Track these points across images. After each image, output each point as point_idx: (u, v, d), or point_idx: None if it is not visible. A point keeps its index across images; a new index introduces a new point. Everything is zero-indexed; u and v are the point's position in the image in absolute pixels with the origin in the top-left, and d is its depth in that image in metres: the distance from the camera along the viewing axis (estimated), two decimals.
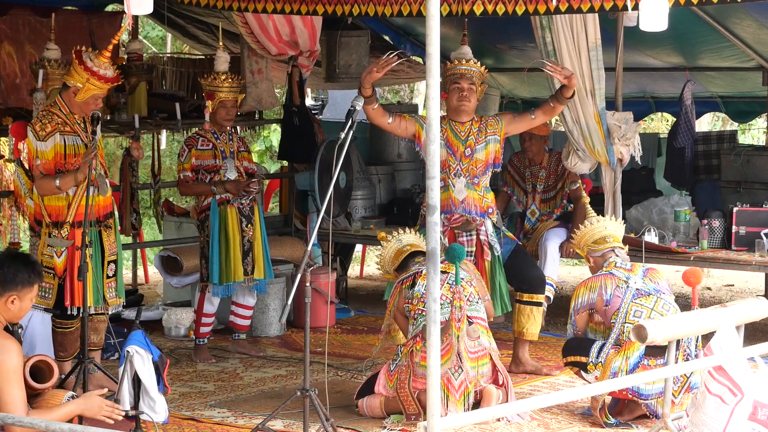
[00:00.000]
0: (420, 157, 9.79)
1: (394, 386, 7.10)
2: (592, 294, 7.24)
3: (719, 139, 11.19)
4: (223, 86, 8.62)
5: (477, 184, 7.85)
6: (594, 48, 8.49)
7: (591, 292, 7.25)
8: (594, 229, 7.45)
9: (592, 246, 7.43)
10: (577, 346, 7.25)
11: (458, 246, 7.23)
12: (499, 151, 7.93)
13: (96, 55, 7.44)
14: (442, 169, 7.74)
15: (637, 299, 7.12)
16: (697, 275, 6.82)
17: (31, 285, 5.71)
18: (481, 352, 7.10)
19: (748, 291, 11.83)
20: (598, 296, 7.21)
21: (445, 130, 7.84)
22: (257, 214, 8.79)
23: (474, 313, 7.21)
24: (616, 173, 9.04)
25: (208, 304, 8.74)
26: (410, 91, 18.30)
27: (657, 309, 7.08)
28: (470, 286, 7.27)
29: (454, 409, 6.95)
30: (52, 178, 7.43)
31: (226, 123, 8.69)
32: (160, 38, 18.08)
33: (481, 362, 7.09)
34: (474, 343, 7.07)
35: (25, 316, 5.92)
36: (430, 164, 4.56)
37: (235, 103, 8.72)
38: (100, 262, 7.61)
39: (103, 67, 7.42)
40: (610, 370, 6.94)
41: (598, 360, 7.07)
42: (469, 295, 7.23)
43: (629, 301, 7.12)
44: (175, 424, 6.95)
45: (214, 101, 8.64)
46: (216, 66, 8.77)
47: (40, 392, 5.80)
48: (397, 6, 7.80)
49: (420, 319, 7.14)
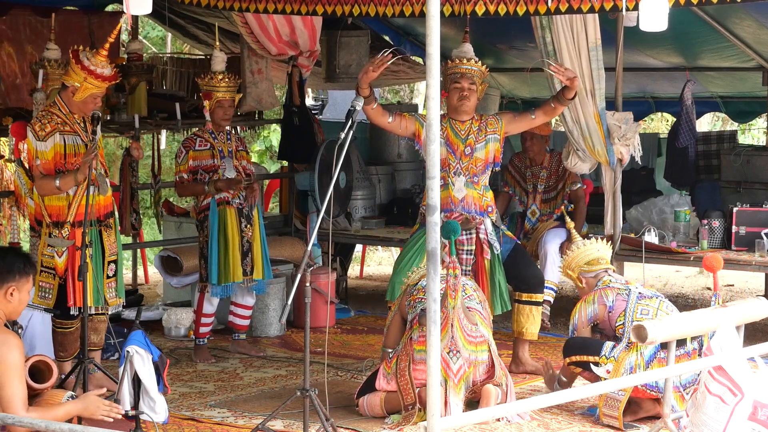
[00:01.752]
0: (420, 157, 9.80)
1: (392, 371, 7.08)
2: (593, 306, 7.23)
3: (719, 139, 11.20)
4: (219, 86, 8.62)
5: (476, 182, 7.85)
6: (594, 48, 8.50)
7: (591, 304, 7.24)
8: (585, 250, 7.47)
9: (584, 267, 7.43)
10: (582, 346, 7.19)
11: (453, 222, 7.36)
12: (499, 150, 7.93)
13: (93, 54, 7.43)
14: (442, 167, 7.73)
15: (642, 300, 7.13)
16: (717, 260, 6.80)
17: (28, 275, 5.72)
18: (479, 338, 7.09)
19: (748, 291, 11.83)
20: (599, 305, 7.20)
21: (445, 129, 7.84)
22: (256, 215, 8.79)
23: (476, 305, 7.24)
24: (616, 173, 9.04)
25: (208, 304, 8.74)
26: (410, 91, 18.30)
27: (662, 309, 7.08)
28: (475, 291, 7.30)
29: (453, 394, 6.93)
30: (51, 178, 7.43)
31: (223, 123, 8.69)
32: (160, 38, 18.08)
33: (479, 348, 7.07)
34: (472, 327, 7.07)
35: (23, 313, 5.93)
36: (430, 164, 4.56)
37: (232, 103, 8.71)
38: (101, 262, 7.61)
39: (99, 65, 7.41)
40: (626, 366, 6.91)
41: (611, 354, 7.03)
42: (470, 294, 7.24)
43: (634, 302, 7.12)
44: (175, 424, 6.95)
45: (211, 101, 8.64)
46: (213, 66, 8.76)
47: (39, 392, 5.80)
48: (398, 6, 7.80)
49: (418, 305, 7.14)
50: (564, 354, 7.28)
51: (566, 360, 7.26)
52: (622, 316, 7.10)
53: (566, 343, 7.33)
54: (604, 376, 6.98)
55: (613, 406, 6.97)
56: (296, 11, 8.16)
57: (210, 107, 8.65)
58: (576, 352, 7.20)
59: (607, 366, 6.99)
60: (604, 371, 6.99)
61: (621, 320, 7.09)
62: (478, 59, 7.89)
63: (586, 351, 7.13)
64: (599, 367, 7.02)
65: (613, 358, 6.99)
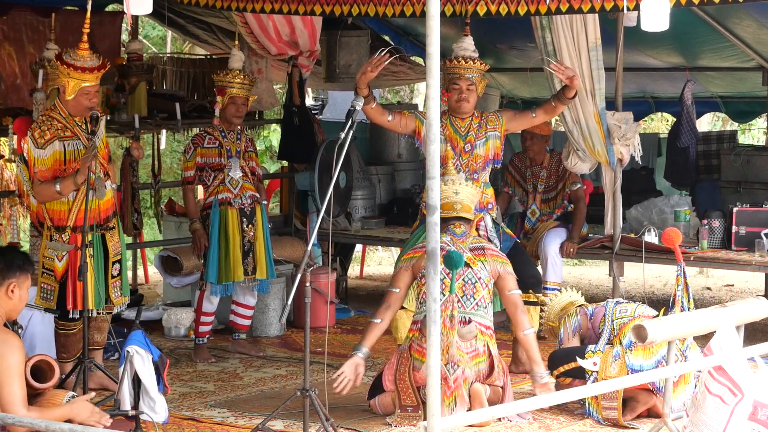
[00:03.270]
0: (420, 155, 9.78)
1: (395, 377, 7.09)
2: (575, 318, 7.53)
3: (719, 139, 11.20)
4: (234, 82, 8.65)
5: (476, 179, 7.85)
6: (594, 48, 8.50)
7: (574, 316, 7.54)
8: (557, 302, 7.76)
9: (560, 312, 7.69)
10: (564, 356, 7.33)
11: (456, 253, 7.04)
12: (499, 147, 7.93)
13: (74, 50, 7.41)
14: (442, 164, 7.75)
15: (619, 305, 7.39)
16: (676, 233, 7.08)
17: (27, 272, 5.73)
18: (473, 353, 7.05)
19: (748, 291, 11.83)
20: (581, 315, 7.51)
21: (446, 126, 7.85)
22: (259, 214, 8.78)
23: (480, 319, 7.14)
24: (616, 173, 9.04)
25: (207, 303, 8.74)
26: (410, 91, 18.31)
27: (639, 310, 7.30)
28: (484, 288, 7.20)
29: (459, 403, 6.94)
30: (50, 183, 7.39)
31: (235, 120, 8.70)
32: (160, 38, 18.09)
33: (475, 360, 7.06)
34: (467, 344, 7.04)
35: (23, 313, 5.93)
36: (430, 164, 4.56)
37: (245, 101, 8.73)
38: (103, 266, 7.60)
39: (80, 59, 7.38)
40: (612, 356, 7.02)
41: (597, 349, 7.16)
42: (479, 299, 7.16)
43: (612, 307, 7.37)
44: (175, 424, 6.95)
45: (224, 97, 8.66)
46: (230, 63, 8.82)
47: (40, 392, 5.80)
48: (398, 6, 7.80)
49: (423, 306, 7.09)
50: (550, 368, 7.34)
51: (554, 373, 7.32)
52: (603, 320, 7.33)
53: (550, 358, 7.43)
54: (591, 369, 7.05)
55: (611, 397, 7.04)
56: (293, 11, 8.17)
57: (223, 104, 8.67)
58: (561, 363, 7.29)
59: (593, 358, 7.06)
60: (591, 363, 7.06)
61: (602, 325, 7.34)
62: (477, 55, 7.87)
63: (571, 358, 7.21)
64: (586, 360, 7.09)
65: (599, 351, 7.10)
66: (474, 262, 7.20)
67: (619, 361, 6.99)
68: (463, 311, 7.07)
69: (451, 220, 7.31)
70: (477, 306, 7.14)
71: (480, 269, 7.19)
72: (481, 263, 7.22)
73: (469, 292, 7.12)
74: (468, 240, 7.33)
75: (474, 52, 7.85)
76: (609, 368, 7.00)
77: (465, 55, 7.82)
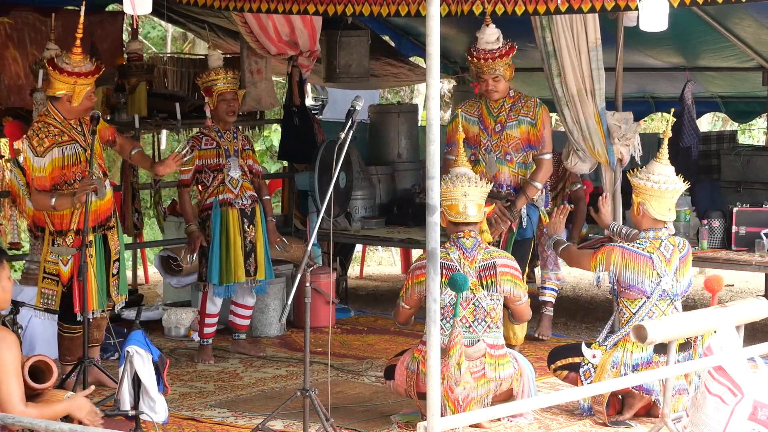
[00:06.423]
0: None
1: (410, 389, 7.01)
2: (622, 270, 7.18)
3: (719, 139, 11.19)
4: (218, 79, 8.59)
5: (510, 160, 8.06)
6: (594, 48, 8.49)
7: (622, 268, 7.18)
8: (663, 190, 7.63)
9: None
10: (563, 351, 7.31)
11: (460, 276, 6.79)
12: (535, 134, 8.09)
13: (68, 55, 7.39)
14: (473, 144, 8.06)
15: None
16: (719, 282, 6.85)
17: (1, 261, 5.66)
18: (480, 373, 6.88)
19: (748, 291, 11.83)
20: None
21: (481, 107, 8.14)
22: (259, 215, 8.78)
23: (491, 340, 6.94)
24: (616, 173, 9.03)
25: (211, 304, 8.73)
26: (410, 91, 18.31)
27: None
28: (494, 310, 6.94)
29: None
30: (48, 195, 7.36)
31: (228, 117, 8.65)
32: (160, 38, 18.09)
33: (480, 381, 6.87)
34: (475, 363, 6.86)
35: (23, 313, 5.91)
36: (430, 164, 4.56)
37: (235, 96, 8.65)
38: (104, 266, 7.60)
39: (79, 64, 7.38)
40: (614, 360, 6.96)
41: (604, 343, 7.07)
42: (490, 322, 6.94)
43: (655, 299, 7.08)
44: (175, 424, 6.96)
45: (212, 97, 8.61)
46: (210, 65, 8.75)
47: (39, 392, 5.80)
48: (393, 6, 7.81)
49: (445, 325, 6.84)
50: (549, 362, 7.34)
51: (551, 367, 7.32)
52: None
53: (550, 353, 7.41)
54: (590, 359, 7.02)
55: (598, 401, 7.06)
56: (287, 10, 8.16)
57: (212, 104, 8.63)
58: (560, 357, 7.29)
59: (596, 351, 7.04)
60: (591, 354, 7.04)
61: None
62: (500, 45, 7.97)
63: (569, 353, 7.21)
64: (589, 349, 7.05)
65: (604, 347, 7.04)
66: (479, 288, 6.91)
67: (615, 371, 6.94)
68: (474, 335, 6.90)
69: (460, 226, 7.00)
70: (489, 329, 6.94)
71: (490, 293, 6.94)
72: (490, 284, 6.95)
73: (480, 316, 6.93)
74: (479, 256, 6.97)
75: (497, 42, 7.97)
76: (605, 374, 6.95)
77: (487, 48, 7.94)
